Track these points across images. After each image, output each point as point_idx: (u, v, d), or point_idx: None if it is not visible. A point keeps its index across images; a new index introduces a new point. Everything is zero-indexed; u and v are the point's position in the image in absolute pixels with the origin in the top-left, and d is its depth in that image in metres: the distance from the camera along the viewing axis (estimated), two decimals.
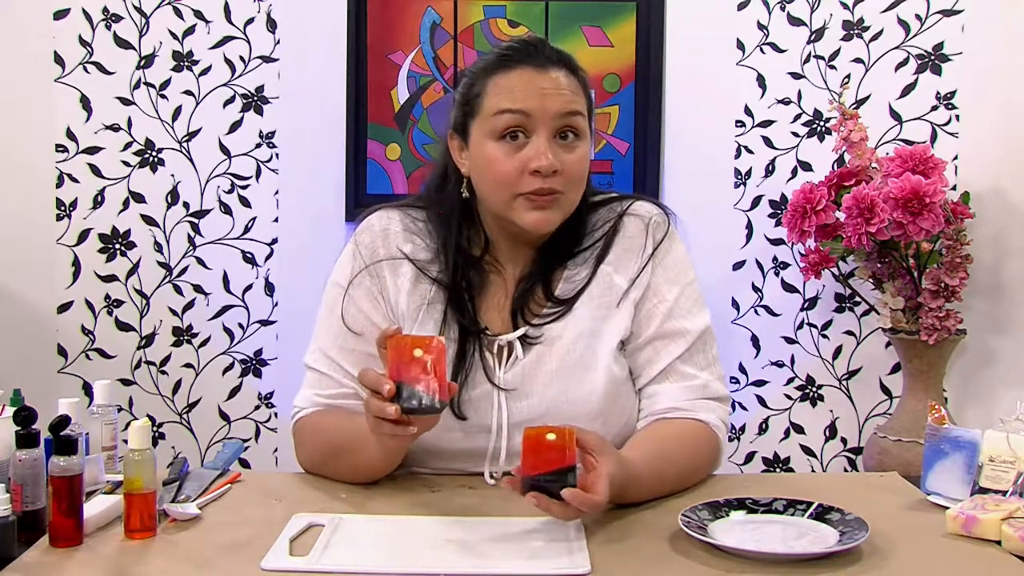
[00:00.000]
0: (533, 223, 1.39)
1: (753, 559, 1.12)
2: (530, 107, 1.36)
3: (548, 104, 1.36)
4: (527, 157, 1.36)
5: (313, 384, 1.49)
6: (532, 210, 1.38)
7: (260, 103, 2.48)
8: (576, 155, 1.39)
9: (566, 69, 1.41)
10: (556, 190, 1.37)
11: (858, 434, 2.48)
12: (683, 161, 2.46)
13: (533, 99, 1.36)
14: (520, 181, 1.37)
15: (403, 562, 1.13)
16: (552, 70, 1.39)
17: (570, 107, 1.38)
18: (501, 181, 1.38)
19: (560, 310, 1.45)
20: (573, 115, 1.39)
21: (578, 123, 1.39)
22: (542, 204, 1.38)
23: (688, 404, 1.43)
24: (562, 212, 1.41)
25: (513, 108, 1.37)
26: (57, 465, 1.17)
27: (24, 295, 2.49)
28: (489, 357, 1.44)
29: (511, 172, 1.37)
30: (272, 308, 2.51)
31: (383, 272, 1.48)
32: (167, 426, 2.53)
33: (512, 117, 1.37)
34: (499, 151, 1.38)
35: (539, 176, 1.36)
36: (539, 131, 1.37)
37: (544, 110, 1.36)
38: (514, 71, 1.39)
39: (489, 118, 1.39)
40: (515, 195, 1.38)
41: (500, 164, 1.38)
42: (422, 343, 1.21)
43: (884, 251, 2.22)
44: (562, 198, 1.39)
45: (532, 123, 1.37)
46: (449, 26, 2.46)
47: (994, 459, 1.31)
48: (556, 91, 1.38)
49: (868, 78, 2.42)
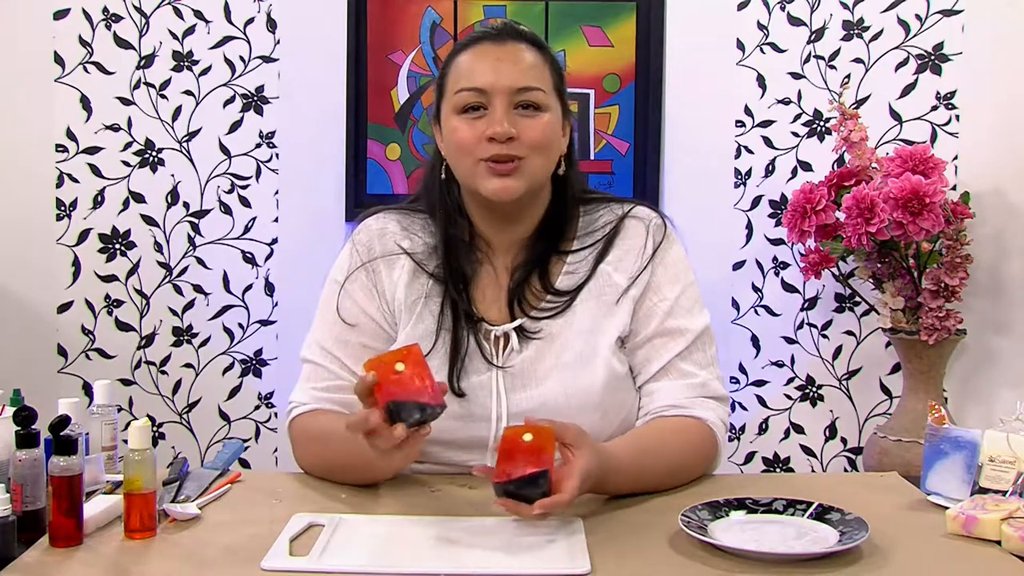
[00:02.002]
0: (494, 190, 1.41)
1: (753, 559, 1.12)
2: (485, 82, 1.41)
3: (502, 79, 1.40)
4: (484, 126, 1.40)
5: (309, 377, 1.50)
6: (493, 177, 1.41)
7: (260, 103, 2.48)
8: (535, 122, 1.41)
9: (526, 43, 1.45)
10: (515, 155, 1.40)
11: (858, 434, 2.48)
12: (683, 161, 2.46)
13: (488, 75, 1.41)
14: (478, 147, 1.40)
15: (403, 562, 1.13)
16: (509, 42, 1.43)
17: (525, 82, 1.41)
18: (462, 148, 1.42)
19: (559, 304, 1.46)
20: (530, 90, 1.41)
21: (536, 97, 1.42)
22: (502, 171, 1.40)
23: (687, 402, 1.44)
24: (525, 180, 1.42)
25: (469, 86, 1.42)
26: (57, 465, 1.17)
27: (24, 295, 2.49)
28: (487, 346, 1.45)
29: (470, 139, 1.41)
30: (272, 308, 2.51)
31: (379, 268, 1.50)
32: (167, 426, 2.53)
33: (469, 94, 1.41)
34: (460, 123, 1.42)
35: (496, 143, 1.39)
36: (495, 103, 1.40)
37: (498, 85, 1.40)
38: (472, 48, 1.44)
39: (451, 97, 1.43)
40: (476, 161, 1.41)
41: (460, 133, 1.42)
42: (399, 356, 1.22)
43: (884, 251, 2.22)
44: (523, 164, 1.41)
45: (488, 97, 1.41)
46: (449, 26, 2.46)
47: (994, 459, 1.31)
48: (512, 64, 1.41)
49: (868, 78, 2.42)
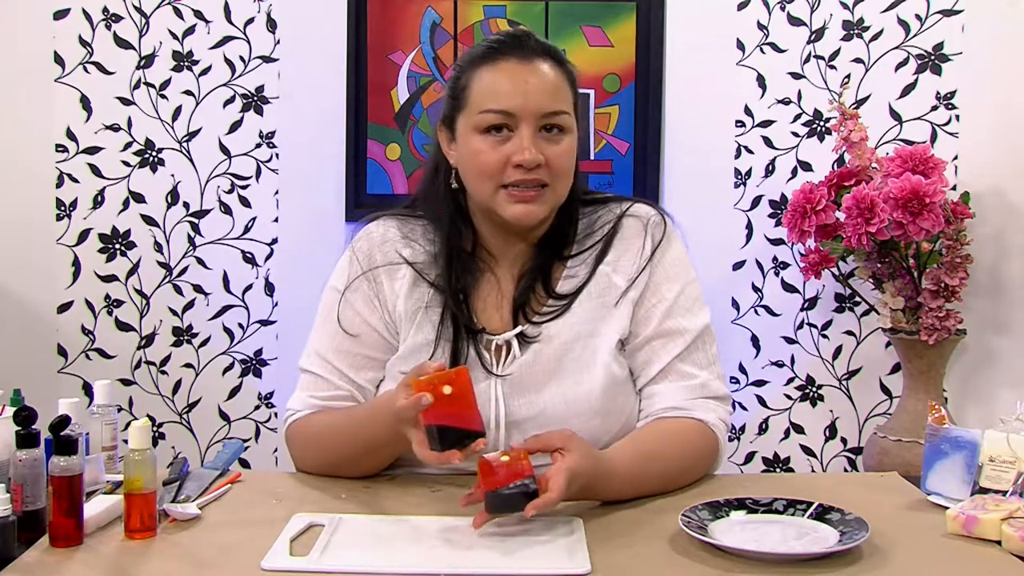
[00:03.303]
0: (516, 216, 1.39)
1: (753, 559, 1.12)
2: (513, 106, 1.37)
3: (531, 103, 1.37)
4: (510, 151, 1.38)
5: (307, 386, 1.49)
6: (516, 203, 1.39)
7: (260, 103, 2.48)
8: (560, 148, 1.40)
9: (552, 60, 1.42)
10: (541, 181, 1.38)
11: (858, 434, 2.48)
12: (683, 161, 2.46)
13: (517, 97, 1.37)
14: (503, 173, 1.38)
15: (403, 562, 1.13)
16: (537, 61, 1.40)
17: (554, 106, 1.39)
18: (485, 173, 1.39)
19: (559, 307, 1.45)
20: (558, 114, 1.40)
21: (563, 120, 1.40)
22: (526, 197, 1.39)
23: (687, 403, 1.43)
24: (547, 205, 1.41)
25: (496, 108, 1.38)
26: (57, 465, 1.17)
27: (24, 295, 2.49)
28: (487, 356, 1.44)
29: (495, 164, 1.38)
30: (272, 308, 2.51)
31: (380, 278, 1.48)
32: (167, 426, 2.53)
33: (495, 116, 1.38)
34: (484, 144, 1.39)
35: (522, 169, 1.37)
36: (523, 126, 1.38)
37: (527, 109, 1.37)
38: (499, 64, 1.40)
39: (475, 115, 1.40)
40: (498, 187, 1.39)
41: (484, 156, 1.39)
42: (449, 379, 1.22)
43: (884, 251, 2.22)
44: (547, 191, 1.40)
45: (515, 120, 1.38)
46: (449, 26, 2.46)
47: (994, 459, 1.31)
48: (540, 87, 1.38)
49: (868, 78, 2.42)
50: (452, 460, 1.20)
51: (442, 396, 1.20)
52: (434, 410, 1.20)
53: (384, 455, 1.42)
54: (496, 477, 1.18)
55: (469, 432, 1.21)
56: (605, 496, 1.31)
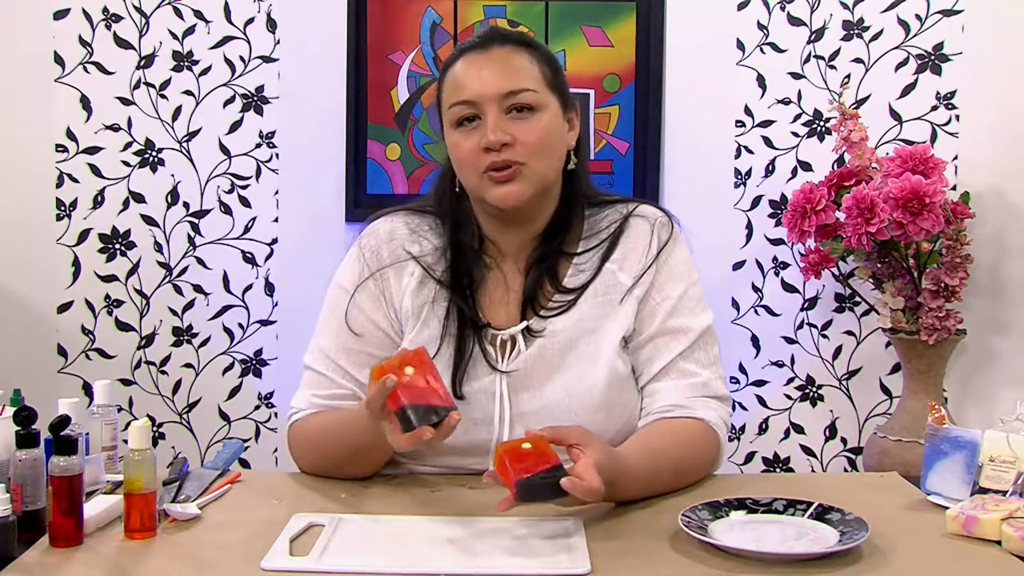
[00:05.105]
0: (498, 198, 1.41)
1: (753, 559, 1.12)
2: (472, 93, 1.40)
3: (488, 87, 1.40)
4: (479, 136, 1.40)
5: (311, 385, 1.49)
6: (497, 185, 1.40)
7: (260, 103, 2.48)
8: (528, 124, 1.41)
9: (512, 44, 1.44)
10: (513, 161, 1.39)
11: (858, 434, 2.48)
12: (683, 161, 2.46)
13: (475, 85, 1.40)
14: (478, 159, 1.40)
15: (403, 562, 1.13)
16: (494, 48, 1.43)
17: (512, 85, 1.40)
18: (465, 164, 1.42)
19: (565, 302, 1.46)
20: (519, 92, 1.40)
21: (528, 98, 1.41)
22: (502, 178, 1.40)
23: (688, 402, 1.43)
24: (529, 183, 1.41)
25: (458, 99, 1.41)
26: (57, 465, 1.17)
27: (24, 295, 2.49)
28: (491, 351, 1.45)
29: (470, 153, 1.41)
30: (272, 308, 2.51)
31: (387, 275, 1.49)
32: (167, 426, 2.53)
33: (461, 107, 1.41)
34: (459, 136, 1.42)
35: (491, 151, 1.39)
36: (487, 112, 1.40)
37: (485, 94, 1.39)
38: (460, 60, 1.44)
39: (447, 112, 1.44)
40: (479, 174, 1.41)
41: (460, 148, 1.42)
42: (408, 360, 1.23)
43: (884, 251, 2.22)
44: (525, 169, 1.40)
45: (479, 107, 1.40)
46: (449, 26, 2.46)
47: (994, 459, 1.31)
48: (497, 69, 1.41)
49: (868, 78, 2.42)
50: (423, 436, 1.19)
51: (404, 380, 1.21)
52: (398, 394, 1.20)
53: (377, 456, 1.42)
54: (524, 464, 1.17)
55: (436, 408, 1.20)
56: (621, 496, 1.29)
